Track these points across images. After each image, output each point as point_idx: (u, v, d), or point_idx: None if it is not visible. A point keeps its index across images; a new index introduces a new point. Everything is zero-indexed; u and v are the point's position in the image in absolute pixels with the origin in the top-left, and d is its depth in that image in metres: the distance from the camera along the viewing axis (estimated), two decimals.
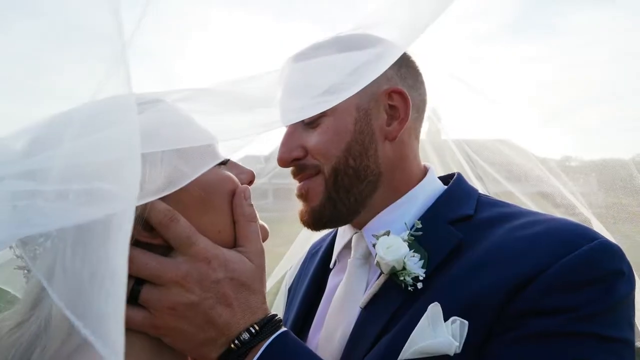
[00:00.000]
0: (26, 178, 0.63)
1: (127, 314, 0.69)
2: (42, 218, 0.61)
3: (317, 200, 1.07)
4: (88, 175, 0.62)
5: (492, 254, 0.94)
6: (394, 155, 1.10)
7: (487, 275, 0.91)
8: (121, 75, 0.65)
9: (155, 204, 0.76)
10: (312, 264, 1.31)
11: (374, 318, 0.98)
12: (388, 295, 1.00)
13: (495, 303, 0.87)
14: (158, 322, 0.78)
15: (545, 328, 0.84)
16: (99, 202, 0.61)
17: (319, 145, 1.04)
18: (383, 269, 1.01)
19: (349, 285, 1.10)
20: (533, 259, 0.90)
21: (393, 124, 1.09)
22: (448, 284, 0.95)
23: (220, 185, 0.87)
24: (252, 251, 0.86)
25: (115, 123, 0.64)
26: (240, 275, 0.83)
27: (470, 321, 0.87)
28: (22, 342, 0.66)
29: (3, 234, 0.62)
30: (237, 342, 0.82)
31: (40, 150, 0.66)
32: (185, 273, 0.78)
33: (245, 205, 0.87)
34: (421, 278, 0.97)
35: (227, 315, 0.81)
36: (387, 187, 1.10)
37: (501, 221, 1.01)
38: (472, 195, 1.11)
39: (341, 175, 1.05)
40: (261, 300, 0.86)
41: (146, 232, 0.78)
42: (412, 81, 1.13)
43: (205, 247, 0.80)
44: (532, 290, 0.87)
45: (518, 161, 2.19)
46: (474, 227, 1.02)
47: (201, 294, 0.79)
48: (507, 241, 0.96)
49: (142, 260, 0.77)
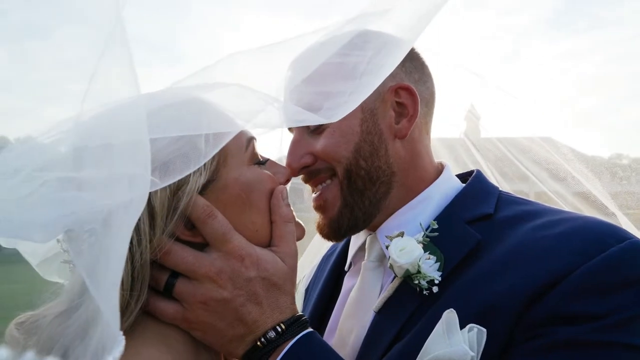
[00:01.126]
0: (71, 180, 0.71)
1: (160, 306, 0.78)
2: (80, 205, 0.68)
3: (335, 208, 1.03)
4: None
5: (513, 256, 0.88)
6: (405, 154, 1.05)
7: (507, 278, 0.85)
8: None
9: (196, 200, 0.79)
10: (327, 267, 1.27)
11: (388, 323, 0.94)
12: (402, 299, 0.95)
13: (515, 308, 0.82)
14: (189, 316, 0.80)
15: (570, 337, 0.77)
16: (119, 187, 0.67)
17: (327, 148, 1.01)
18: (397, 272, 0.96)
19: (362, 289, 1.06)
20: (557, 261, 0.83)
21: (402, 122, 1.04)
22: (465, 288, 0.89)
23: (259, 185, 0.88)
24: (286, 252, 0.88)
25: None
26: (272, 276, 0.84)
27: (488, 327, 0.81)
28: (69, 333, 0.69)
29: (51, 222, 0.69)
30: (264, 339, 0.83)
31: (81, 157, 0.73)
32: (218, 269, 0.80)
33: (282, 205, 0.89)
34: (437, 281, 0.92)
35: (256, 314, 0.82)
36: (401, 187, 1.05)
37: (523, 220, 0.95)
38: (492, 193, 1.05)
39: (354, 177, 1.01)
40: (290, 300, 0.87)
41: (188, 230, 0.81)
42: (418, 75, 1.08)
43: (239, 245, 0.82)
44: (555, 295, 0.80)
45: (561, 160, 2.07)
46: (493, 226, 0.96)
47: (233, 291, 0.81)
48: (529, 241, 0.89)
49: (179, 254, 0.79)
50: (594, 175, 1.90)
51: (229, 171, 0.84)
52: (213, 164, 0.82)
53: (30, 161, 0.75)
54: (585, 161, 1.96)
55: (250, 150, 0.90)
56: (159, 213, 0.76)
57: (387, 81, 1.01)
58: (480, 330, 0.82)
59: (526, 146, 2.18)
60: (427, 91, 1.10)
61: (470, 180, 1.09)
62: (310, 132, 1.03)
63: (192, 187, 0.78)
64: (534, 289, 0.82)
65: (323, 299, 1.19)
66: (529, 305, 0.81)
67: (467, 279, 0.90)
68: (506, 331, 0.82)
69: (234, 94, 0.86)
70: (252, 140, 0.92)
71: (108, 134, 0.74)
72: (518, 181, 2.19)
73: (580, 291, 0.79)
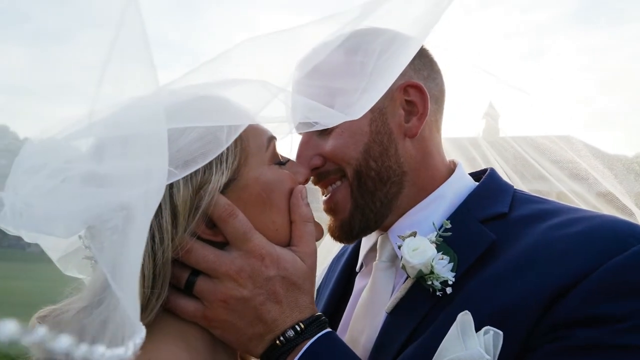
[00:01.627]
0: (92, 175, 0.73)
1: (180, 304, 0.79)
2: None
3: (346, 210, 1.01)
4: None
5: (529, 256, 0.85)
6: (416, 153, 1.02)
7: (523, 279, 0.83)
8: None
9: (217, 199, 0.79)
10: (338, 267, 1.25)
11: (401, 324, 0.92)
12: (415, 299, 0.93)
13: (533, 310, 0.79)
14: (209, 314, 0.81)
15: (591, 340, 0.74)
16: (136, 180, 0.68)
17: (336, 149, 0.99)
18: (409, 272, 0.93)
19: (374, 290, 1.03)
20: (575, 261, 0.80)
21: (412, 120, 1.01)
22: (480, 289, 0.86)
23: (280, 185, 0.88)
24: (305, 252, 0.88)
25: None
26: (292, 275, 0.84)
27: (504, 330, 0.78)
28: (90, 329, 0.69)
29: (73, 217, 0.72)
30: (282, 338, 0.83)
31: (101, 151, 0.76)
32: (239, 268, 0.81)
33: (302, 205, 0.89)
34: (450, 282, 0.89)
35: (276, 313, 0.82)
36: (412, 187, 1.03)
37: (539, 219, 0.91)
38: (506, 192, 1.01)
39: (364, 178, 0.99)
40: (310, 300, 0.87)
41: (209, 229, 0.82)
42: (427, 72, 1.05)
43: (260, 244, 0.83)
44: (574, 296, 0.77)
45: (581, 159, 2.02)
46: (508, 226, 0.93)
47: (253, 290, 0.81)
48: (546, 241, 0.86)
49: (200, 252, 0.80)
50: (614, 174, 1.85)
51: (250, 170, 0.85)
52: (234, 163, 0.83)
53: (53, 157, 0.76)
54: (606, 160, 1.90)
55: (270, 150, 0.90)
56: (181, 212, 0.77)
57: (396, 79, 0.98)
58: (497, 332, 0.79)
59: (544, 145, 2.13)
60: (437, 88, 1.07)
61: (484, 179, 1.06)
62: (318, 133, 1.01)
63: (214, 185, 0.79)
64: (552, 290, 0.79)
65: (334, 299, 1.18)
66: (548, 307, 0.78)
67: (482, 279, 0.87)
68: (523, 334, 0.79)
69: (249, 90, 0.86)
70: (273, 140, 0.92)
71: (126, 126, 0.76)
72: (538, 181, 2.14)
73: (601, 292, 0.76)
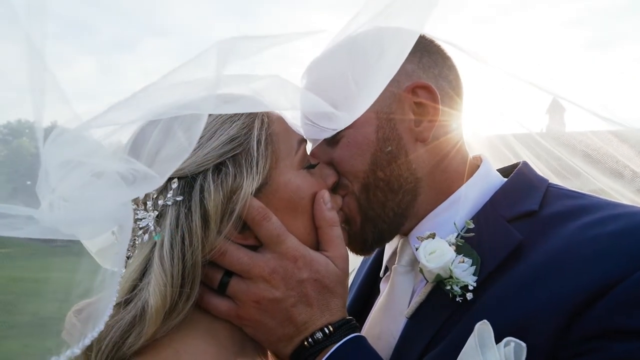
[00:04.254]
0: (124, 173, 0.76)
1: (213, 303, 0.81)
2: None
3: (357, 223, 0.96)
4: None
5: (558, 258, 0.78)
6: (430, 157, 0.95)
7: (550, 284, 0.75)
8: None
9: (250, 202, 0.80)
10: (362, 271, 1.21)
11: (420, 329, 0.87)
12: (435, 304, 0.87)
13: (559, 318, 0.72)
14: (242, 313, 0.82)
15: (628, 354, 0.66)
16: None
17: (343, 162, 0.94)
18: (427, 277, 0.87)
19: (391, 295, 0.98)
20: (608, 265, 0.72)
21: (423, 123, 0.94)
22: (503, 295, 0.79)
23: (308, 190, 0.88)
24: (336, 256, 0.87)
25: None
26: (324, 278, 0.83)
27: (527, 340, 0.71)
28: (120, 326, 0.73)
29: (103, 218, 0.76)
30: (311, 340, 0.82)
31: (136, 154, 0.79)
32: (272, 269, 0.81)
33: (325, 209, 0.88)
34: (471, 287, 0.83)
35: (307, 315, 0.82)
36: (429, 192, 0.96)
37: (572, 216, 0.83)
38: (538, 187, 0.92)
39: (372, 189, 0.93)
40: (341, 303, 0.86)
41: (239, 233, 0.82)
42: (438, 69, 0.97)
43: (293, 246, 0.83)
44: (607, 304, 0.69)
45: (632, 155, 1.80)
46: (537, 224, 0.85)
47: (285, 292, 0.81)
48: (577, 242, 0.78)
49: (235, 254, 0.81)
50: None
51: (280, 175, 0.85)
52: (266, 167, 0.83)
53: (88, 151, 0.79)
54: None
55: (300, 153, 0.89)
56: (212, 216, 0.77)
57: (403, 81, 0.93)
58: (519, 344, 0.72)
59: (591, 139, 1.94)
60: (450, 85, 0.98)
61: (513, 174, 0.97)
62: (326, 142, 0.97)
63: (247, 191, 0.80)
64: (582, 297, 0.71)
65: (356, 305, 1.13)
66: (576, 316, 0.71)
67: (506, 284, 0.80)
68: (548, 345, 0.72)
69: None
70: (303, 143, 0.91)
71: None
72: (614, 177, 1.94)
73: (633, 302, 0.68)
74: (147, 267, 0.76)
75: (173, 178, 0.77)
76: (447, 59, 1.00)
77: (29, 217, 0.74)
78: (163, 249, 0.75)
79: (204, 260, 0.78)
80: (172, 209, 0.77)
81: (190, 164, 0.78)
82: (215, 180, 0.78)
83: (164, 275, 0.74)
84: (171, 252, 0.75)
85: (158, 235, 0.77)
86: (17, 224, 0.73)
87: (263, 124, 0.84)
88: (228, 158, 0.79)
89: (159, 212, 0.77)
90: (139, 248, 0.78)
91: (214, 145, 0.79)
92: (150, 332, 0.74)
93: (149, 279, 0.75)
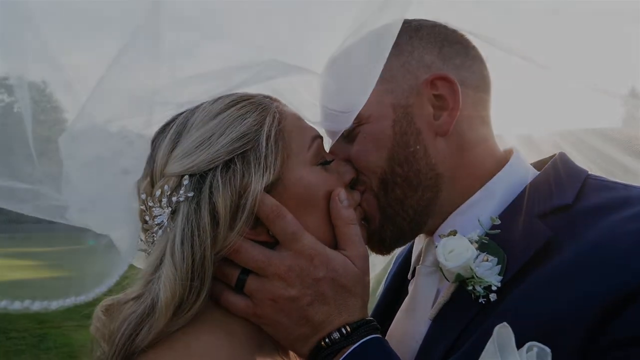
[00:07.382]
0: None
1: (231, 300, 0.82)
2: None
3: (376, 221, 0.93)
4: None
5: (589, 256, 0.70)
6: (452, 151, 0.90)
7: (579, 283, 0.68)
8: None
9: (264, 199, 0.81)
10: (392, 272, 1.16)
11: (442, 332, 0.82)
12: (458, 306, 0.82)
13: (588, 321, 0.65)
14: (259, 311, 0.81)
15: None
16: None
17: (359, 158, 0.91)
18: (447, 276, 0.82)
19: (414, 296, 0.93)
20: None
21: (442, 116, 0.89)
22: (529, 295, 0.73)
23: (322, 187, 0.87)
24: (354, 254, 0.85)
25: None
26: (341, 277, 0.81)
27: (553, 344, 0.64)
28: (133, 319, 0.76)
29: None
30: (328, 340, 0.80)
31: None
32: (287, 267, 0.80)
33: (340, 207, 0.86)
34: (494, 288, 0.76)
35: (323, 314, 0.80)
36: (452, 188, 0.90)
37: (610, 209, 0.75)
38: (575, 179, 0.84)
39: (391, 185, 0.90)
40: (360, 303, 0.83)
41: (251, 229, 0.83)
42: (460, 60, 0.91)
43: (309, 244, 0.82)
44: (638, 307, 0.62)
45: None
46: (571, 219, 0.77)
47: (301, 290, 0.80)
48: (612, 238, 0.70)
49: (250, 252, 0.81)
50: None
51: (291, 171, 0.84)
52: (276, 163, 0.82)
53: (108, 148, 0.84)
54: None
55: (314, 149, 0.88)
56: (221, 213, 0.78)
57: (421, 73, 0.89)
58: (542, 349, 0.65)
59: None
60: (474, 75, 0.92)
61: (547, 167, 0.89)
62: (344, 138, 0.95)
63: (256, 187, 0.80)
64: (613, 298, 0.64)
65: (383, 305, 1.09)
66: (607, 319, 0.64)
67: (533, 283, 0.73)
68: (576, 350, 0.64)
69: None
70: (317, 139, 0.90)
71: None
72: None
73: None
74: (160, 262, 0.78)
75: (185, 175, 0.79)
76: (471, 49, 0.95)
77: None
78: (175, 244, 0.77)
79: (217, 257, 0.79)
80: (184, 206, 0.79)
81: (202, 161, 0.79)
82: (223, 177, 0.79)
83: (173, 269, 0.76)
84: (182, 246, 0.77)
85: (171, 231, 0.79)
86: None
87: (274, 120, 0.84)
88: (237, 155, 0.80)
89: (173, 209, 0.80)
90: (157, 243, 0.80)
91: (224, 142, 0.80)
92: (161, 325, 0.75)
93: (160, 273, 0.77)
